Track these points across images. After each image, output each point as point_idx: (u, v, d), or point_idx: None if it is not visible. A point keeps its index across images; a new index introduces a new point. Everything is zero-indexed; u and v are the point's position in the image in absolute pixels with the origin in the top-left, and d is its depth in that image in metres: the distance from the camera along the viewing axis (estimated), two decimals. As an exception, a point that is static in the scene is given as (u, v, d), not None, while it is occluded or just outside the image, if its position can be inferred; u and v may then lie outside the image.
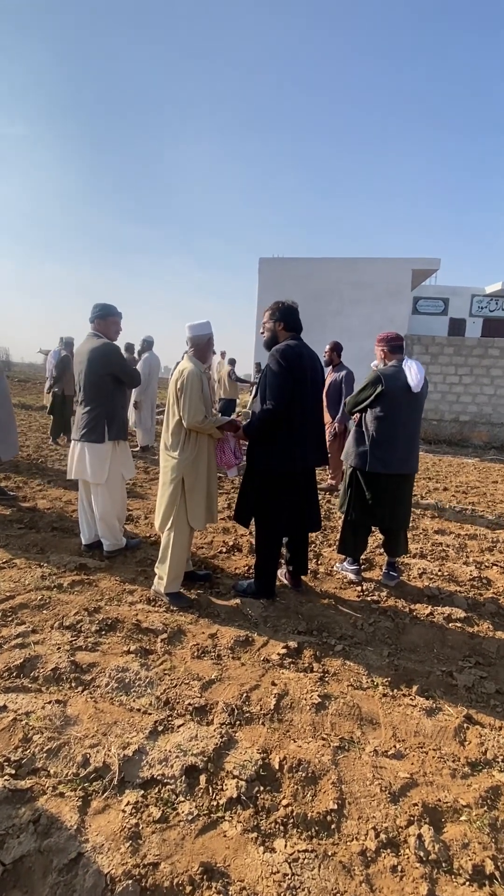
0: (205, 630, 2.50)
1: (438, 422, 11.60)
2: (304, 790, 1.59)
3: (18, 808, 1.45)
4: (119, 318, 3.37)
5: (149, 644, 2.35)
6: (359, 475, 3.15)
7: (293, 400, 2.63)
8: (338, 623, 2.72)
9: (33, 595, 2.71)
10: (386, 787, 1.62)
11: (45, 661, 2.12)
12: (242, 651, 2.36)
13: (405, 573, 3.48)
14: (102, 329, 3.30)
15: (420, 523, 4.75)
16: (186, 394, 2.63)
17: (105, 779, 1.58)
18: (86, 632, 2.40)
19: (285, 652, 2.35)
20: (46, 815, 1.43)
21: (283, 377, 2.60)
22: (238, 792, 1.55)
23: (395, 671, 2.31)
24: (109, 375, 3.22)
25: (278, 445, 2.69)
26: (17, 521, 3.95)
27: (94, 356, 3.18)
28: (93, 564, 3.20)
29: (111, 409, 3.26)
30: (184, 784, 1.57)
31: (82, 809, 1.47)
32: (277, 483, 2.73)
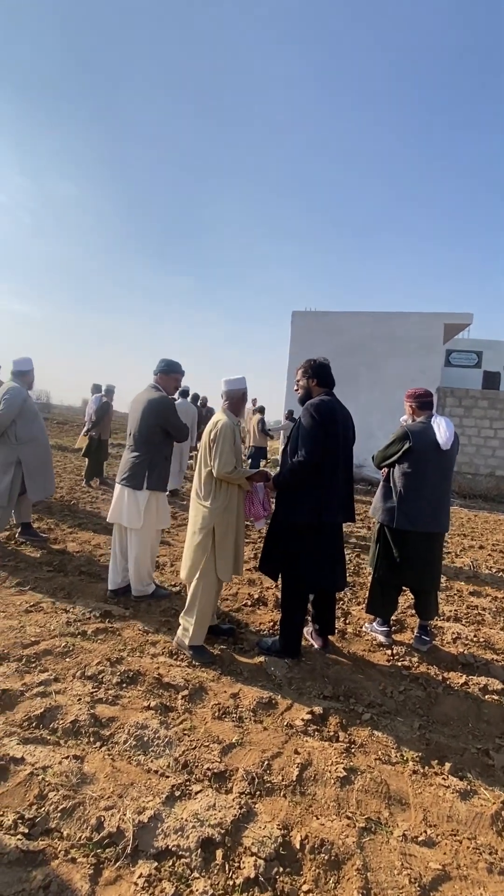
0: (227, 689, 2.44)
1: (473, 476, 11.34)
2: (326, 875, 1.50)
3: (30, 870, 1.42)
4: (181, 376, 3.58)
5: (169, 700, 2.31)
6: (386, 531, 3.11)
7: (324, 454, 2.66)
8: (366, 689, 2.61)
9: (58, 641, 2.72)
10: (415, 879, 1.51)
11: (66, 713, 2.11)
12: (265, 714, 2.28)
13: (438, 637, 3.34)
14: (163, 383, 3.50)
15: (454, 584, 4.57)
16: (219, 445, 2.71)
17: (119, 846, 1.52)
18: (107, 683, 2.38)
19: (310, 718, 2.26)
20: (57, 881, 1.39)
21: (315, 430, 2.64)
22: (256, 872, 1.47)
23: (426, 746, 2.18)
24: (159, 427, 3.38)
25: (307, 498, 2.69)
26: (47, 563, 4.02)
27: (150, 407, 3.35)
28: (117, 612, 3.20)
29: (155, 458, 3.39)
30: (199, 858, 1.50)
31: (93, 878, 1.42)
32: (304, 536, 2.72)
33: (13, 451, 4.21)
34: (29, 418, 4.29)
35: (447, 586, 4.41)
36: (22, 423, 4.24)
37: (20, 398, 4.23)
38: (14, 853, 1.45)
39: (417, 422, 3.11)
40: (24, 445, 4.24)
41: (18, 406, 4.20)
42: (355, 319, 12.32)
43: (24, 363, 4.42)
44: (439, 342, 11.79)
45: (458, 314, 11.62)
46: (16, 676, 2.36)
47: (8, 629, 2.82)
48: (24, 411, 4.24)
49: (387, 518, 3.08)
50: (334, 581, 2.85)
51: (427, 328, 11.62)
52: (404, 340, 11.76)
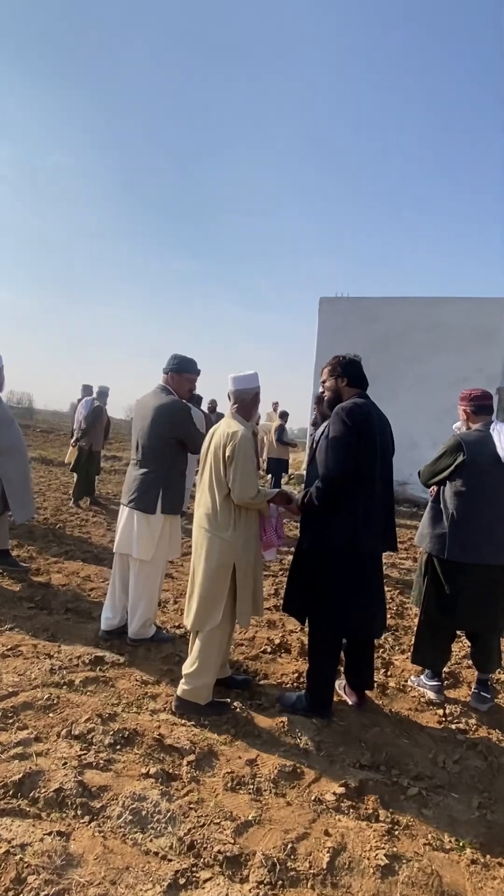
0: (242, 754, 2.43)
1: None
2: None
3: None
4: (195, 376, 3.58)
5: (172, 767, 2.30)
6: (436, 563, 3.08)
7: (359, 469, 2.64)
8: (412, 757, 2.57)
9: (39, 693, 2.75)
10: None
11: (49, 780, 2.11)
12: (288, 786, 2.26)
13: (501, 694, 3.28)
14: (174, 384, 3.47)
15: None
16: (238, 463, 2.64)
17: (111, 945, 1.51)
18: (98, 745, 2.38)
19: (343, 792, 2.23)
20: None
21: (348, 439, 2.63)
22: None
23: (487, 829, 2.14)
24: (174, 439, 3.37)
25: (339, 522, 2.68)
26: (28, 598, 4.06)
27: (161, 414, 3.32)
28: (110, 658, 3.22)
29: (169, 475, 3.38)
30: None
31: None
32: (336, 569, 2.70)
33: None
34: (3, 425, 4.36)
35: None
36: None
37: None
38: None
39: (473, 430, 3.09)
40: (2, 457, 4.31)
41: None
42: (395, 306, 12.32)
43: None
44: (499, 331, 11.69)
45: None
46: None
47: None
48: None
49: (436, 547, 3.05)
50: (372, 624, 2.82)
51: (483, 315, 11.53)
52: (455, 330, 11.68)
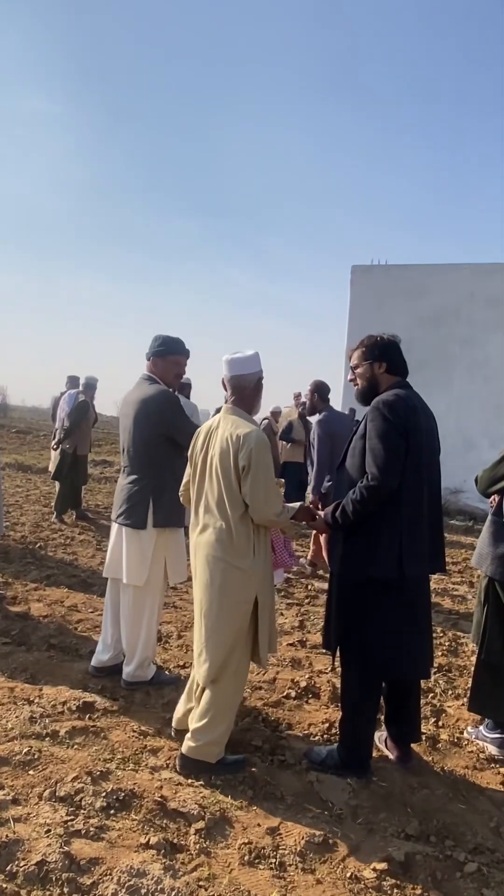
0: (261, 821, 2.44)
1: None
2: None
3: None
4: (185, 358, 3.57)
5: (177, 836, 2.31)
6: (499, 590, 3.07)
7: (403, 475, 2.63)
8: (469, 825, 2.56)
9: (17, 746, 2.78)
10: None
11: (29, 850, 2.13)
12: (319, 860, 2.26)
13: None
14: (159, 371, 3.49)
15: None
16: (258, 475, 2.56)
17: None
18: (88, 808, 2.40)
19: (385, 868, 2.22)
20: None
21: (393, 440, 2.61)
22: None
23: None
24: (163, 436, 3.37)
25: (380, 541, 2.67)
26: (3, 632, 4.12)
27: (145, 409, 3.34)
28: (102, 704, 3.25)
29: (161, 482, 3.37)
30: None
31: None
32: (376, 599, 2.70)
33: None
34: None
35: None
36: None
37: None
38: None
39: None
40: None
41: None
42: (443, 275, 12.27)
43: None
44: None
45: None
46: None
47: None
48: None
49: (500, 571, 3.04)
50: (419, 663, 2.82)
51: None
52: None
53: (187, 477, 2.93)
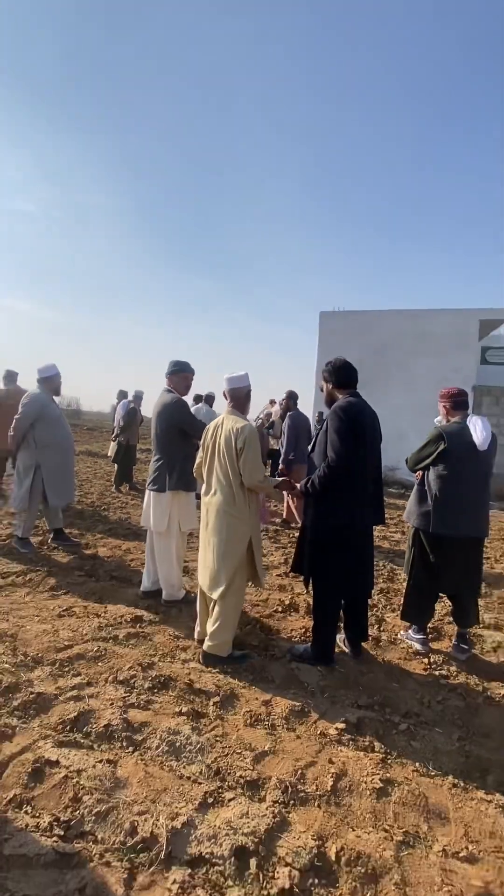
0: (258, 696, 2.45)
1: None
2: (363, 889, 1.48)
3: (65, 873, 1.45)
4: (191, 375, 3.62)
5: (201, 706, 2.32)
6: (422, 536, 3.06)
7: (353, 457, 2.63)
8: (402, 698, 2.56)
9: (90, 646, 2.79)
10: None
11: (99, 717, 2.15)
12: (298, 722, 2.27)
13: (478, 646, 3.25)
14: (174, 384, 3.54)
15: (494, 591, 4.45)
16: (248, 452, 2.67)
17: (152, 851, 1.55)
18: (139, 688, 2.41)
19: (344, 727, 2.24)
20: (92, 884, 1.42)
21: (345, 433, 2.61)
22: (291, 882, 1.46)
23: (466, 758, 2.13)
24: (176, 429, 3.43)
25: (338, 505, 2.67)
26: (79, 568, 4.11)
27: (164, 410, 3.43)
28: (148, 617, 3.25)
29: (175, 460, 3.43)
30: (233, 866, 1.51)
31: (128, 883, 1.44)
32: (336, 543, 2.70)
33: (33, 456, 4.37)
34: (49, 423, 4.43)
35: (487, 593, 4.29)
36: (41, 428, 4.39)
37: (38, 404, 4.38)
38: (50, 855, 1.49)
39: (452, 422, 3.05)
40: (44, 450, 4.39)
41: (36, 411, 4.36)
42: (384, 318, 12.19)
43: (46, 370, 4.56)
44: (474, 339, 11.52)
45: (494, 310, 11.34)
46: (50, 680, 2.43)
47: (42, 633, 2.90)
48: (42, 416, 4.38)
49: (422, 523, 3.03)
50: (363, 587, 2.83)
51: (461, 325, 11.38)
52: (436, 338, 11.54)
53: (199, 459, 2.96)
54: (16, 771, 1.82)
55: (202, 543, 2.87)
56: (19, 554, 4.32)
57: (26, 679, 2.42)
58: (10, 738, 2.00)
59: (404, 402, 11.31)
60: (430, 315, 11.82)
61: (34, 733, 2.04)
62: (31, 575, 3.86)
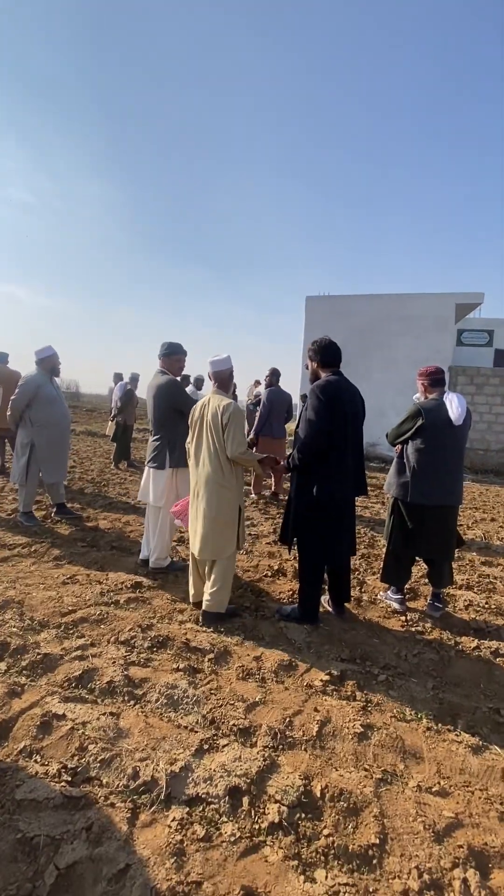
0: (250, 652, 2.48)
1: (485, 452, 11.12)
2: (345, 821, 1.53)
3: (73, 814, 1.48)
4: (183, 356, 3.55)
5: (197, 663, 2.36)
6: (401, 505, 3.08)
7: (333, 434, 2.62)
8: (381, 652, 2.62)
9: (93, 610, 2.80)
10: (430, 826, 1.53)
11: (102, 674, 2.17)
12: (286, 675, 2.32)
13: (451, 605, 3.31)
14: (168, 366, 3.47)
15: (466, 554, 4.53)
16: (232, 426, 2.68)
17: (153, 793, 1.58)
18: (139, 648, 2.44)
19: (328, 679, 2.28)
20: (98, 823, 1.45)
21: (320, 412, 2.59)
22: (280, 817, 1.51)
23: (439, 705, 2.19)
24: (172, 409, 3.38)
25: (320, 478, 2.67)
26: (81, 539, 4.11)
27: (160, 392, 3.37)
28: (147, 583, 3.26)
29: (173, 438, 3.39)
30: (227, 804, 1.55)
31: (131, 821, 1.48)
32: (318, 512, 2.71)
33: (29, 434, 4.33)
34: (44, 403, 4.35)
35: (459, 556, 4.37)
36: (37, 408, 4.32)
37: (34, 384, 4.31)
38: (59, 798, 1.52)
39: (430, 399, 3.04)
40: (39, 428, 4.34)
41: (32, 392, 4.29)
42: (367, 302, 12.05)
43: (43, 351, 4.47)
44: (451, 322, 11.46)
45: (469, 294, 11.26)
46: (56, 642, 2.44)
47: (48, 599, 2.90)
48: (38, 397, 4.31)
49: (401, 493, 3.05)
50: (346, 551, 2.86)
51: (439, 308, 11.30)
52: (416, 321, 11.46)
53: (190, 434, 2.95)
54: (25, 724, 1.84)
55: (193, 513, 2.86)
56: (24, 527, 4.30)
57: (33, 641, 2.43)
58: (19, 695, 2.01)
59: (385, 381, 11.30)
60: (409, 299, 11.71)
61: (41, 690, 2.05)
62: (36, 546, 3.85)
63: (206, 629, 2.70)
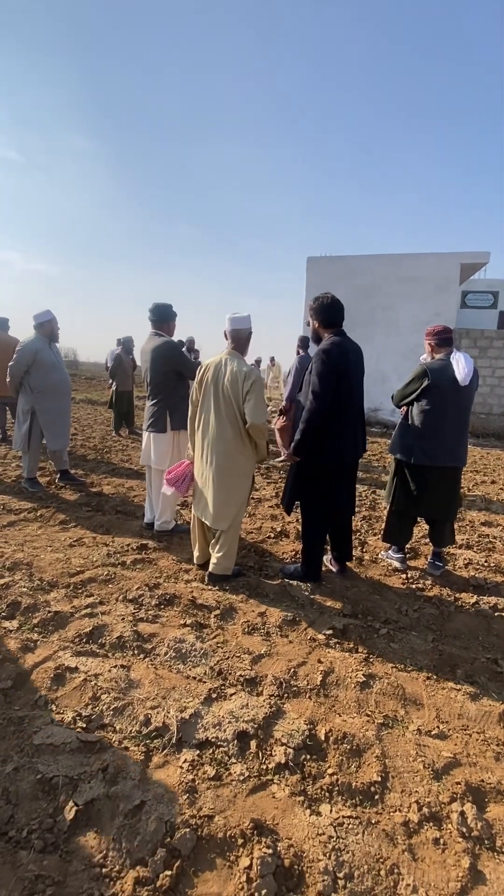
0: (255, 609, 2.54)
1: (487, 415, 11.08)
2: (348, 761, 1.60)
3: (89, 757, 1.55)
4: (174, 319, 3.50)
5: (203, 619, 2.42)
6: (404, 467, 3.08)
7: (338, 396, 2.58)
8: (382, 608, 2.68)
9: (100, 570, 2.85)
10: (429, 765, 1.60)
11: (111, 630, 2.23)
12: (290, 630, 2.38)
13: (451, 563, 3.38)
14: (164, 329, 3.43)
15: (467, 515, 4.58)
16: (256, 395, 2.58)
17: (165, 737, 1.65)
18: (147, 605, 2.50)
19: (331, 632, 2.35)
20: (114, 765, 1.52)
21: (325, 376, 2.53)
22: (286, 758, 1.58)
23: (439, 656, 2.26)
24: (172, 371, 3.35)
25: (328, 445, 2.65)
26: (86, 504, 4.15)
27: (157, 354, 3.32)
28: (152, 545, 3.32)
29: (173, 401, 3.38)
30: (236, 747, 1.62)
31: (144, 763, 1.55)
32: (324, 477, 2.71)
33: (29, 401, 4.30)
34: (44, 369, 4.30)
35: (460, 517, 4.42)
36: (36, 374, 4.27)
37: (31, 350, 4.24)
38: (75, 743, 1.59)
39: (437, 359, 2.99)
40: (39, 395, 4.30)
41: (30, 357, 4.22)
42: (370, 262, 11.72)
43: (40, 315, 4.38)
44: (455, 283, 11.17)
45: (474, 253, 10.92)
46: (65, 601, 2.50)
47: (55, 561, 2.96)
48: (37, 362, 4.25)
49: (405, 454, 3.04)
50: (349, 512, 2.88)
51: (442, 269, 10.99)
52: (420, 282, 11.18)
53: (195, 395, 2.84)
54: (39, 677, 1.91)
55: (203, 479, 2.81)
56: (28, 493, 4.33)
57: (44, 600, 2.48)
58: (32, 651, 2.08)
59: (387, 345, 11.14)
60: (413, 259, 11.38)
61: (54, 645, 2.12)
62: (42, 511, 3.89)
63: (211, 587, 2.75)
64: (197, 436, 2.84)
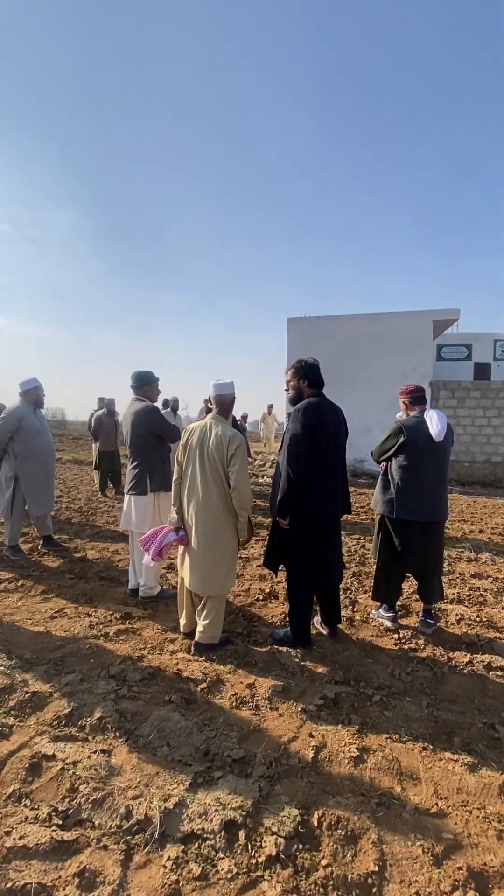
0: (243, 680, 2.46)
1: (470, 463, 11.27)
2: (343, 849, 1.51)
3: (64, 859, 1.44)
4: (156, 383, 3.62)
5: (189, 693, 2.32)
6: (387, 522, 3.11)
7: (314, 455, 2.64)
8: (375, 672, 2.61)
9: (82, 644, 2.76)
10: (429, 849, 1.51)
11: (92, 710, 2.13)
12: (280, 701, 2.29)
13: (442, 619, 3.33)
14: (144, 394, 3.54)
15: (456, 567, 4.56)
16: (238, 460, 2.61)
17: (147, 832, 1.55)
18: (130, 680, 2.39)
19: (322, 702, 2.27)
20: (90, 868, 1.41)
21: (303, 438, 2.61)
22: (277, 850, 1.49)
23: (434, 723, 2.19)
24: (151, 434, 3.42)
25: (305, 502, 2.68)
26: (69, 571, 4.06)
27: (137, 418, 3.41)
28: (137, 614, 3.22)
29: (153, 463, 3.43)
30: (223, 840, 1.52)
31: (125, 863, 1.44)
32: (304, 535, 2.72)
33: (12, 467, 4.30)
34: (28, 436, 4.33)
35: (449, 570, 4.40)
36: (20, 440, 4.30)
37: (15, 417, 4.30)
38: (49, 844, 1.48)
39: (411, 416, 3.11)
40: (22, 461, 4.31)
41: (14, 425, 4.27)
42: (347, 322, 12.31)
43: (26, 383, 4.48)
44: (429, 338, 11.74)
45: (445, 311, 11.56)
46: (44, 679, 2.39)
47: (36, 635, 2.85)
48: (21, 429, 4.30)
49: (387, 509, 3.08)
50: (333, 571, 2.86)
51: (416, 326, 11.58)
52: (395, 339, 11.72)
53: (180, 456, 2.85)
54: (14, 767, 1.80)
55: (196, 544, 2.74)
56: (10, 561, 4.23)
57: (21, 680, 2.38)
58: (7, 737, 1.97)
59: (369, 398, 11.47)
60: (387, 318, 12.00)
61: (30, 730, 2.01)
62: (23, 580, 3.79)
63: (198, 658, 2.67)
64: (183, 499, 2.84)
